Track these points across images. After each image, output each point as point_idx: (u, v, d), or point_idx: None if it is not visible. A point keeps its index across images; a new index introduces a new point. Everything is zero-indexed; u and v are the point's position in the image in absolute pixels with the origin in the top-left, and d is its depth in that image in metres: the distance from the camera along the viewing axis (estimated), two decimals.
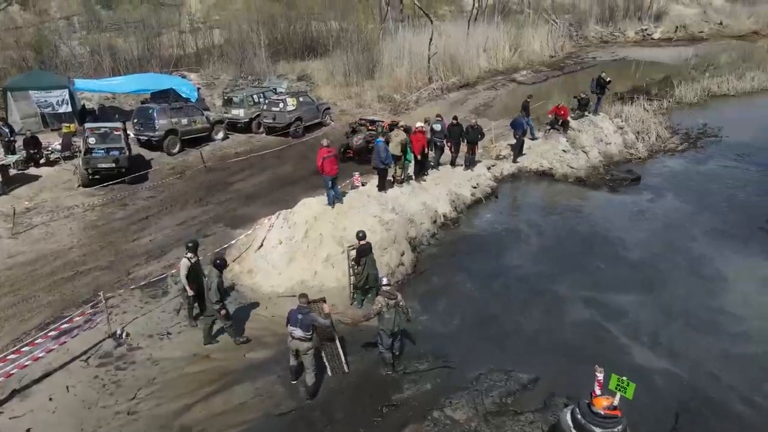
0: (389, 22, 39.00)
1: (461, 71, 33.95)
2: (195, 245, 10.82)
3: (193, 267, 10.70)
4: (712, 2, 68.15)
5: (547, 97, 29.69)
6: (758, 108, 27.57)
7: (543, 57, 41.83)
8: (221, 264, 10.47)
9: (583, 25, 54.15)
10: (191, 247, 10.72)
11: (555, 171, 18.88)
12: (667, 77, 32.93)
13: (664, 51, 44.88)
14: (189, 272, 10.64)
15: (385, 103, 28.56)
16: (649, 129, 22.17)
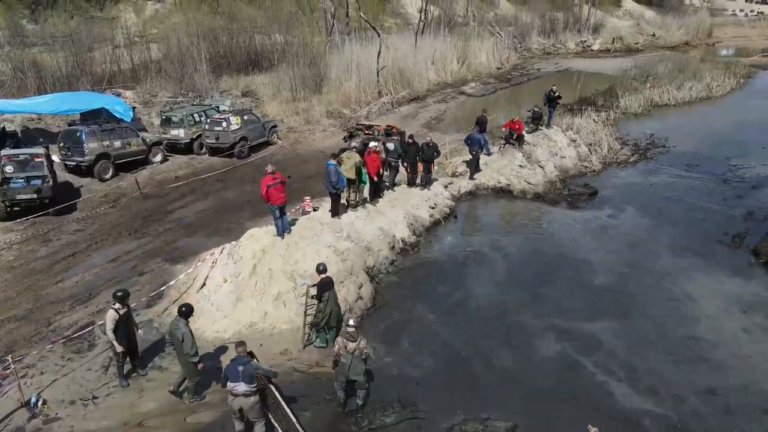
0: (335, 35, 38.02)
1: (411, 84, 33.32)
2: (124, 295, 9.37)
3: (121, 319, 9.26)
4: (645, 15, 70.96)
5: (498, 109, 29.42)
6: (698, 117, 28.12)
7: (490, 69, 41.89)
8: (187, 311, 9.14)
9: (527, 37, 54.95)
10: (120, 297, 9.29)
11: (513, 187, 18.27)
12: (611, 88, 33.37)
13: (604, 62, 45.90)
14: (117, 325, 9.19)
15: (335, 118, 27.48)
16: (600, 141, 22.00)
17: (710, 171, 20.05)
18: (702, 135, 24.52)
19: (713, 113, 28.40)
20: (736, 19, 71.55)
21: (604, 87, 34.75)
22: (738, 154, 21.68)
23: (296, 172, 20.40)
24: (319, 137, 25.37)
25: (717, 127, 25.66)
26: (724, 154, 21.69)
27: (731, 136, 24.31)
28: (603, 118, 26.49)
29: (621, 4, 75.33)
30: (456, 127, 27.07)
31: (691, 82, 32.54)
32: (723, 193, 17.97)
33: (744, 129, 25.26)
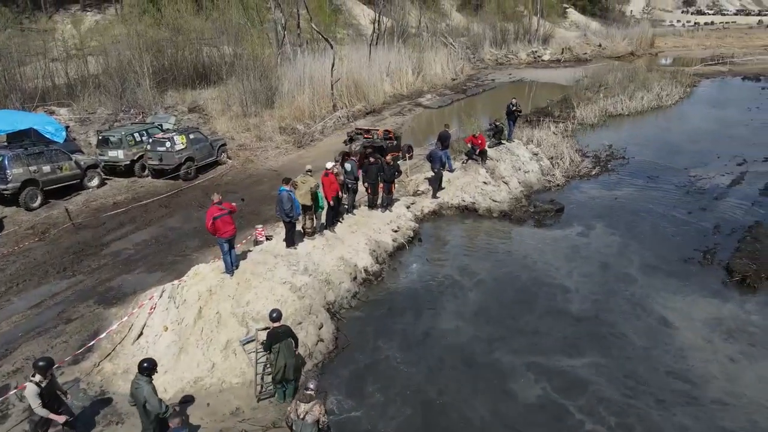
0: (287, 47, 36.66)
1: (366, 97, 32.28)
2: (46, 365, 7.82)
3: (45, 391, 7.71)
4: (590, 26, 72.58)
5: (456, 122, 28.71)
6: (652, 127, 28.18)
7: (445, 80, 41.40)
8: (149, 366, 7.94)
9: (479, 48, 55.00)
10: (41, 367, 7.73)
11: (478, 206, 17.38)
12: (566, 98, 33.29)
13: (556, 72, 46.21)
14: (42, 398, 7.65)
15: (288, 134, 26.08)
16: (562, 154, 21.48)
17: (671, 182, 19.77)
18: (658, 145, 24.44)
19: (666, 122, 28.56)
20: (674, 29, 74.09)
21: (558, 97, 34.71)
22: (695, 164, 21.56)
23: (248, 195, 18.99)
24: (272, 155, 23.93)
25: (671, 137, 25.69)
26: (682, 165, 21.53)
27: (686, 145, 24.31)
28: (561, 130, 26.16)
29: (567, 15, 76.96)
30: (414, 140, 26.14)
31: (641, 92, 32.79)
32: (687, 206, 17.60)
33: (697, 138, 25.35)
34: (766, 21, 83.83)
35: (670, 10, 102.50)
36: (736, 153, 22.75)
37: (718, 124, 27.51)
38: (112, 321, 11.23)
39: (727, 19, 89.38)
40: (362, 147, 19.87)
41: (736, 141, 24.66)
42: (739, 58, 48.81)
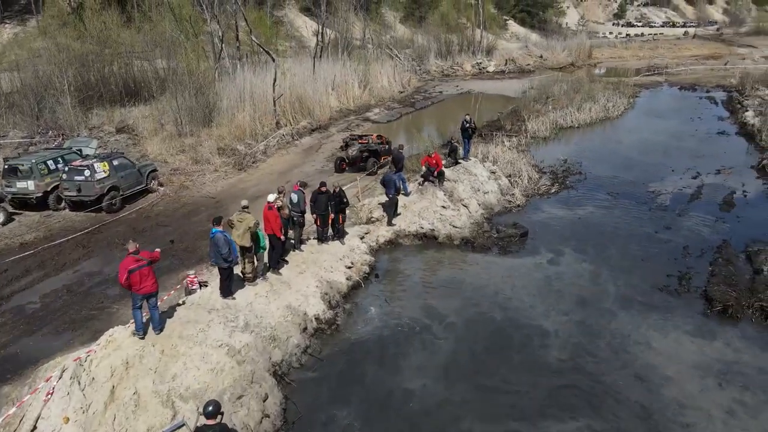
0: (225, 60, 34.38)
1: (311, 113, 30.46)
2: None
3: None
4: (530, 38, 73.53)
5: (406, 137, 27.31)
6: (603, 139, 27.76)
7: (393, 93, 40.13)
8: None
9: (425, 60, 54.22)
10: None
11: (438, 232, 15.90)
12: (516, 110, 32.65)
13: (502, 83, 45.87)
14: None
15: (227, 155, 23.91)
16: (520, 172, 20.40)
17: (632, 198, 19.01)
18: (612, 158, 23.87)
19: (615, 134, 28.22)
20: (608, 41, 76.16)
21: (508, 109, 34.06)
22: (651, 178, 20.97)
23: (181, 228, 16.81)
24: (210, 179, 21.73)
25: (623, 150, 25.24)
26: (639, 179, 20.90)
27: (639, 158, 23.84)
28: (515, 144, 25.24)
29: (507, 27, 77.78)
30: None
31: (589, 104, 32.55)
32: (651, 224, 16.78)
33: (648, 150, 24.97)
34: (691, 32, 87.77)
35: (602, 23, 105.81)
36: (688, 165, 22.39)
37: (666, 136, 27.35)
38: (1, 405, 8.96)
39: (655, 30, 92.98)
40: (359, 151, 21.37)
41: (685, 153, 24.43)
42: (673, 69, 50.17)
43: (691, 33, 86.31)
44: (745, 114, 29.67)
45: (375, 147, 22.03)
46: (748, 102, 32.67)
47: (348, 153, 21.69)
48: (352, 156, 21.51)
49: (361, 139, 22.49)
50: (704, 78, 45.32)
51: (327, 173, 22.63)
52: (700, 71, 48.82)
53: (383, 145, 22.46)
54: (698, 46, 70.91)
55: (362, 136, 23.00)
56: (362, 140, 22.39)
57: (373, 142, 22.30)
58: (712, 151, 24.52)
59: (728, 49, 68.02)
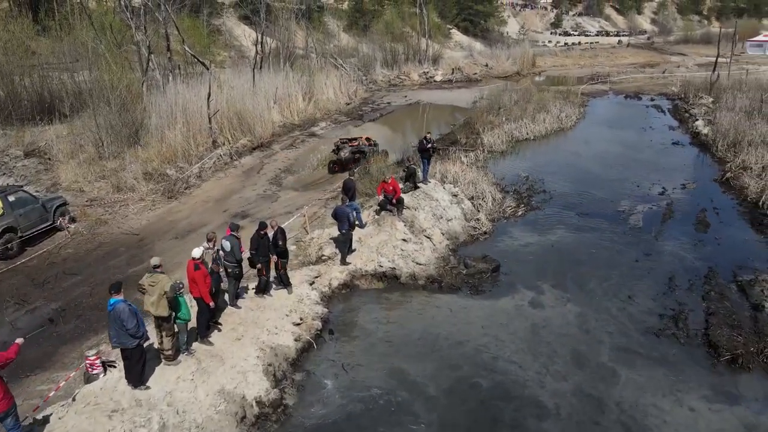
0: (155, 72, 31.10)
1: (252, 129, 27.69)
2: None
3: None
4: (474, 46, 73.10)
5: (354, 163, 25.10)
6: (560, 152, 26.38)
7: (339, 105, 37.80)
8: None
9: (371, 70, 52.28)
10: None
11: (399, 271, 13.74)
12: (468, 122, 31.11)
13: (452, 93, 44.45)
14: None
15: (156, 181, 20.90)
16: (483, 193, 18.57)
17: (602, 219, 17.53)
18: (573, 173, 22.50)
19: (573, 146, 26.99)
20: (549, 49, 76.85)
21: (460, 121, 32.50)
22: (617, 195, 19.67)
23: (93, 278, 13.90)
24: (135, 210, 18.75)
25: (583, 163, 23.96)
26: (605, 196, 19.55)
27: (600, 172, 22.62)
28: (473, 160, 23.52)
29: (451, 36, 77.14)
30: (312, 182, 22.13)
31: (542, 114, 31.41)
32: (629, 250, 15.29)
33: (608, 163, 23.85)
34: (624, 41, 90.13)
35: (541, 31, 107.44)
36: (651, 179, 21.28)
37: (622, 147, 26.39)
38: None
39: (591, 39, 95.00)
40: (351, 153, 22.29)
41: (645, 165, 23.40)
42: (616, 77, 50.41)
43: (625, 42, 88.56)
44: (695, 123, 29.24)
45: (365, 148, 23.04)
46: (694, 111, 32.45)
47: (340, 156, 22.42)
48: (345, 158, 22.25)
49: (351, 142, 23.36)
50: (646, 86, 45.55)
51: (270, 198, 20.13)
52: (641, 79, 49.22)
53: (371, 146, 23.55)
54: (633, 54, 72.45)
55: (352, 140, 23.90)
56: (352, 143, 23.30)
57: (363, 144, 23.34)
58: (672, 163, 23.63)
59: (661, 57, 69.82)
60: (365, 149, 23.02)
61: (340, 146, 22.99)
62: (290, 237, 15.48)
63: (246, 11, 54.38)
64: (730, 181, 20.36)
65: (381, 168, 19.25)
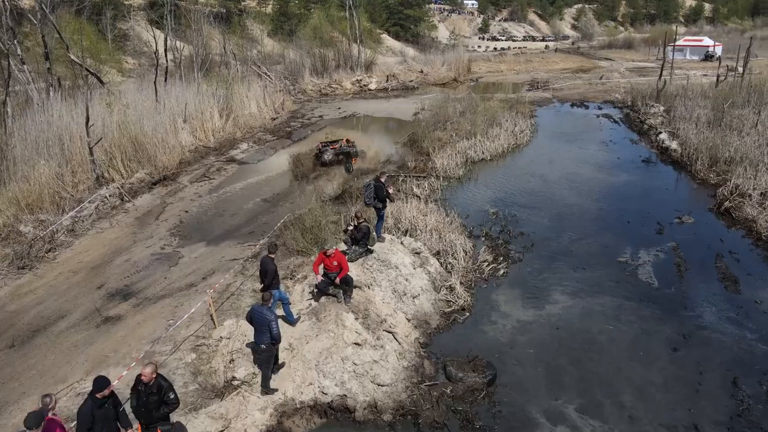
0: (32, 87, 24.43)
1: (153, 159, 21.82)
2: None
3: None
4: (406, 52, 69.27)
5: (284, 196, 19.86)
6: (525, 175, 22.15)
7: (264, 120, 32.29)
8: None
9: (299, 78, 46.95)
10: None
11: (353, 399, 8.86)
12: (414, 139, 26.68)
13: (389, 104, 39.96)
14: None
15: (2, 243, 14.82)
16: (452, 245, 14.02)
17: (604, 274, 13.52)
18: (547, 205, 18.48)
19: (537, 168, 23.04)
20: (482, 54, 74.39)
21: (404, 137, 28.01)
22: (610, 235, 15.79)
23: None
24: None
25: (554, 190, 20.02)
26: (595, 239, 15.60)
27: (578, 202, 18.74)
28: (427, 191, 19.04)
29: (381, 41, 72.98)
30: (229, 223, 16.80)
31: (494, 129, 27.54)
32: (658, 328, 11.23)
33: (581, 189, 20.06)
34: (551, 46, 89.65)
35: (469, 36, 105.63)
36: (639, 210, 17.65)
37: (591, 167, 22.83)
38: None
39: (518, 44, 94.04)
40: (334, 155, 22.46)
41: (624, 191, 19.87)
42: (556, 84, 47.84)
43: (552, 47, 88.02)
44: (659, 137, 26.27)
45: (347, 149, 23.21)
46: (650, 121, 29.72)
47: (324, 159, 22.44)
48: (329, 161, 22.36)
49: (333, 145, 23.31)
50: (588, 93, 43.10)
51: (168, 260, 14.67)
52: (580, 86, 46.87)
53: (352, 147, 23.51)
54: (563, 59, 71.20)
55: (333, 142, 23.80)
56: (334, 146, 23.27)
57: (344, 145, 23.42)
58: (652, 188, 20.21)
59: (590, 62, 68.89)
60: (348, 150, 23.04)
61: (323, 149, 22.71)
62: (190, 335, 10.28)
63: (153, 15, 47.75)
64: (732, 213, 16.99)
65: (321, 223, 14.24)
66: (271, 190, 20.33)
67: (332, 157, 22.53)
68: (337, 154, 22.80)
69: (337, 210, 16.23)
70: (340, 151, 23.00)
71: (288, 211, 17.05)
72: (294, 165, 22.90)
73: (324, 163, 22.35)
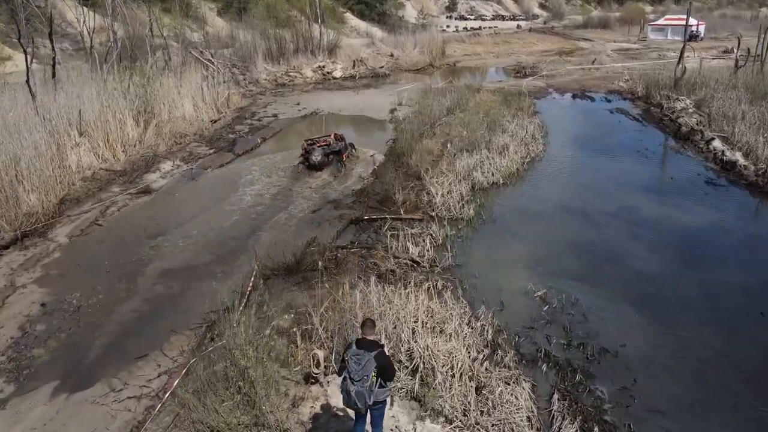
0: None
1: (13, 202, 13.97)
2: None
3: None
4: (373, 33, 61.30)
5: (206, 277, 12.41)
6: (558, 214, 15.35)
7: (201, 125, 24.37)
8: None
9: (251, 65, 38.73)
10: None
11: None
12: (397, 153, 19.59)
13: (359, 97, 32.36)
14: None
15: None
16: (508, 418, 7.14)
17: None
18: (619, 277, 11.71)
19: (570, 197, 16.17)
20: (455, 35, 66.96)
21: (384, 147, 20.85)
22: (754, 354, 9.28)
23: None
24: None
25: (617, 244, 13.27)
26: (730, 362, 9.04)
27: (663, 271, 11.98)
28: (429, 253, 12.06)
29: (345, 21, 64.64)
30: (100, 359, 9.48)
31: (497, 135, 20.67)
32: None
33: (656, 243, 13.43)
34: (523, 25, 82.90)
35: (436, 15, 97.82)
36: (760, 292, 11.18)
37: (646, 196, 16.10)
38: None
39: (489, 24, 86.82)
40: (323, 156, 18.68)
41: (716, 241, 13.39)
42: (545, 70, 41.08)
43: (525, 26, 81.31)
44: (712, 145, 19.90)
45: (337, 147, 19.16)
46: (686, 120, 23.36)
47: (312, 160, 18.39)
48: (318, 162, 18.40)
49: (321, 142, 19.16)
50: (586, 81, 36.52)
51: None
52: (574, 72, 40.26)
53: (341, 142, 19.50)
54: (540, 40, 64.51)
55: (321, 138, 19.59)
56: (322, 143, 19.09)
57: (334, 143, 19.27)
58: (753, 234, 13.77)
59: (570, 43, 62.42)
60: (338, 148, 19.28)
61: (309, 149, 19.00)
62: None
63: None
64: None
65: (264, 376, 7.09)
66: (190, 251, 12.93)
67: (322, 157, 18.53)
68: (326, 154, 18.85)
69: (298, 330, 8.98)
70: (330, 151, 19.02)
71: (207, 298, 9.87)
72: (234, 193, 15.47)
73: (313, 165, 18.41)
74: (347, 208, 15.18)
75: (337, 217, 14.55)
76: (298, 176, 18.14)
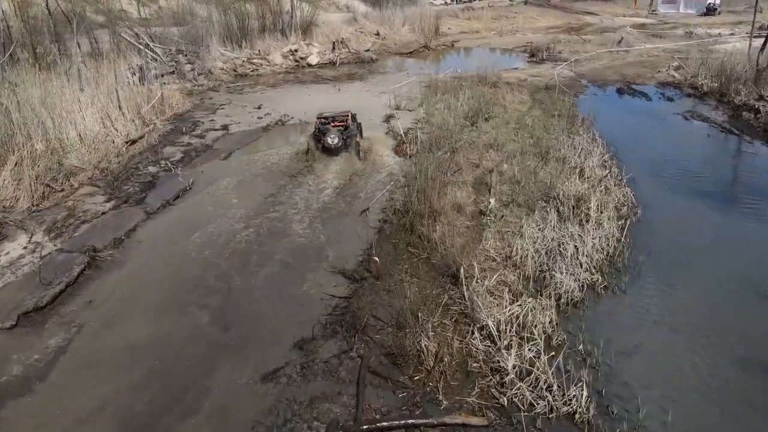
0: None
1: None
2: None
3: None
4: (357, 7, 52.01)
5: None
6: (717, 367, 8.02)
7: (109, 149, 15.89)
8: None
9: (204, 51, 29.75)
10: None
11: None
12: (407, 217, 11.60)
13: (341, 95, 23.48)
14: None
15: None
16: None
17: None
18: None
19: (734, 323, 8.71)
20: (447, 9, 57.82)
21: (385, 198, 12.78)
22: None
23: None
24: None
25: None
26: None
27: None
28: None
29: None
30: None
31: (556, 167, 12.83)
32: None
33: None
34: None
35: None
36: None
37: None
38: None
39: None
40: (341, 139, 14.99)
41: None
42: (566, 53, 32.87)
43: None
44: None
45: (354, 130, 15.78)
46: None
47: (329, 143, 14.96)
48: (335, 146, 14.98)
49: (335, 122, 15.69)
50: (621, 68, 28.47)
51: None
52: (603, 56, 32.15)
53: (355, 122, 16.21)
54: (541, 14, 55.77)
55: (335, 118, 15.87)
56: (337, 123, 15.64)
57: (351, 124, 15.78)
58: None
59: (576, 18, 54.02)
60: (354, 132, 15.61)
61: (322, 129, 15.23)
62: None
63: None
64: None
65: None
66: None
67: (339, 141, 14.93)
68: (344, 138, 15.12)
69: None
70: (348, 134, 15.31)
71: None
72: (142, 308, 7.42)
73: (328, 148, 14.93)
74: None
75: None
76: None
